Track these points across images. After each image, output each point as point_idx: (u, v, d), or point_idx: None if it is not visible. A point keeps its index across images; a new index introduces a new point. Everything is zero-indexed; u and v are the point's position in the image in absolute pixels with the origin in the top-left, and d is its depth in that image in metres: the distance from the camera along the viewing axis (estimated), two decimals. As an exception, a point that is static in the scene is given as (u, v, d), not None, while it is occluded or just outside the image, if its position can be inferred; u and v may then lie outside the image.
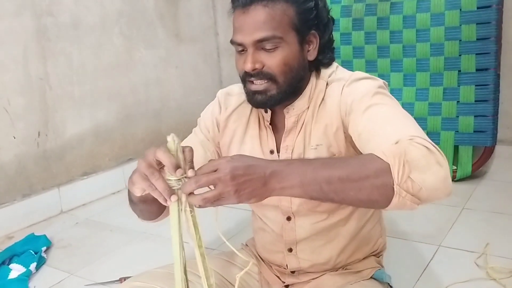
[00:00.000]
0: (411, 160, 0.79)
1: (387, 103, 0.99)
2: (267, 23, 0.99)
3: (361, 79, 1.05)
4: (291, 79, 1.04)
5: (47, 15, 2.42)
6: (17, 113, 2.33)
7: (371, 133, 0.94)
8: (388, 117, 0.95)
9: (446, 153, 2.63)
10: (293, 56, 1.03)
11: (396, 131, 0.89)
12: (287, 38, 1.01)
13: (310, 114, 1.09)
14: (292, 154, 1.11)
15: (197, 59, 3.34)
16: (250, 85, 1.04)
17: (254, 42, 1.00)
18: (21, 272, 1.90)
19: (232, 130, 1.18)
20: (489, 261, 1.80)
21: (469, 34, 2.54)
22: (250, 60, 1.01)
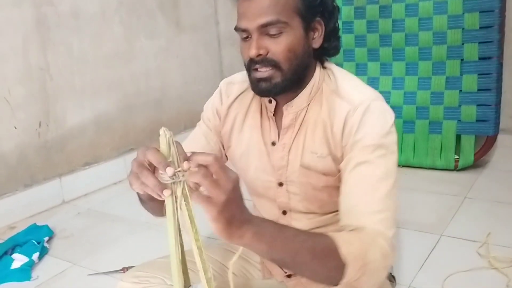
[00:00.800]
0: (368, 263, 0.86)
1: (382, 165, 0.96)
2: (271, 8, 0.97)
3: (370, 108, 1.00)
4: (296, 66, 1.02)
5: (46, 4, 2.40)
6: (18, 103, 2.33)
7: (351, 195, 0.97)
8: (372, 189, 0.95)
9: (448, 142, 2.63)
10: (298, 42, 1.01)
11: (369, 212, 0.93)
12: (292, 23, 0.99)
13: (311, 116, 1.07)
14: (289, 154, 1.09)
15: (197, 48, 3.32)
16: (255, 73, 1.02)
17: (259, 27, 0.98)
18: (24, 262, 1.91)
19: (233, 118, 1.17)
20: (491, 250, 1.80)
21: (472, 22, 2.53)
22: (254, 45, 0.99)
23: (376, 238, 0.89)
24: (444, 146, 2.64)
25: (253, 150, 1.15)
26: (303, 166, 1.08)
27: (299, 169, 1.09)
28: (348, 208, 0.96)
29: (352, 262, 0.84)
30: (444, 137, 2.64)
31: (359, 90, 1.05)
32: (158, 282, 1.10)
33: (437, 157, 2.65)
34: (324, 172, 1.07)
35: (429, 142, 2.68)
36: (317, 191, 1.09)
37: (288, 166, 1.10)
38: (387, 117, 1.01)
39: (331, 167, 1.06)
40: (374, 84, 2.79)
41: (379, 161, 0.97)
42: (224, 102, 1.19)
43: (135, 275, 1.12)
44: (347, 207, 0.96)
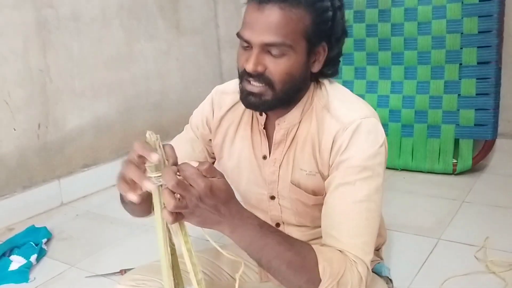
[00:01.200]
0: (341, 284, 0.88)
1: (365, 188, 0.95)
2: (279, 28, 0.93)
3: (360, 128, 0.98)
4: (289, 88, 0.98)
5: (47, 7, 2.41)
6: (17, 105, 2.33)
7: (330, 216, 0.96)
8: (351, 213, 0.95)
9: (446, 146, 2.63)
10: (297, 66, 0.97)
11: (348, 236, 0.94)
12: (296, 47, 0.95)
13: (302, 132, 1.05)
14: (279, 169, 1.08)
15: (197, 52, 3.33)
16: (247, 84, 0.98)
17: (262, 44, 0.94)
18: (22, 263, 1.91)
19: (225, 130, 1.16)
20: (488, 254, 1.80)
21: (471, 27, 2.54)
22: (253, 61, 0.95)
23: (354, 264, 0.91)
24: (443, 150, 2.65)
25: (245, 162, 1.14)
26: (293, 183, 1.07)
27: (290, 185, 1.08)
28: (328, 229, 0.96)
29: (327, 279, 0.87)
30: (443, 141, 2.65)
31: (350, 108, 1.02)
32: (156, 286, 1.10)
33: (436, 161, 2.65)
34: (314, 190, 1.06)
35: (427, 146, 2.68)
36: (307, 208, 1.09)
37: (279, 181, 1.10)
38: (377, 138, 0.99)
39: (320, 185, 1.05)
40: (373, 88, 2.80)
41: (361, 183, 0.95)
42: (216, 113, 1.16)
43: (133, 278, 1.13)
44: (328, 228, 0.96)
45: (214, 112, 1.17)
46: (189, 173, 0.77)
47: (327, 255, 0.90)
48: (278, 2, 0.92)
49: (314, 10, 0.95)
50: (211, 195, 0.78)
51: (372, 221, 0.96)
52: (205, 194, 0.77)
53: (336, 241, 0.94)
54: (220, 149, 1.17)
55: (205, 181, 0.78)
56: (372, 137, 0.98)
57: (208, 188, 0.78)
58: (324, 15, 0.96)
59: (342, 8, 1.01)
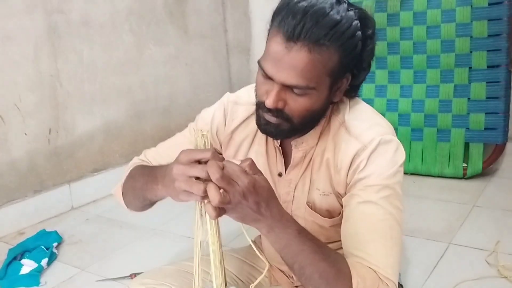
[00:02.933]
0: None
1: (386, 206, 0.93)
2: (305, 72, 0.87)
3: (380, 146, 0.95)
4: (308, 121, 0.96)
5: (57, 12, 2.43)
6: (28, 110, 2.35)
7: (355, 235, 0.93)
8: (376, 232, 0.92)
9: (456, 150, 2.62)
10: (318, 103, 0.93)
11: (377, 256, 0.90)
12: (319, 87, 0.91)
13: (318, 152, 1.03)
14: (295, 190, 1.07)
15: (206, 56, 3.34)
16: (264, 113, 0.94)
17: (284, 84, 0.90)
18: (33, 267, 1.92)
19: (238, 143, 1.13)
20: (500, 259, 1.79)
21: (480, 30, 2.53)
22: (273, 97, 0.90)
23: (385, 284, 0.88)
24: (453, 154, 2.63)
25: None
26: (309, 204, 1.06)
27: (305, 207, 1.07)
28: (353, 250, 0.92)
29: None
30: (453, 145, 2.64)
31: (369, 126, 0.99)
32: (166, 290, 1.10)
33: (446, 165, 2.64)
34: (329, 211, 1.05)
35: (437, 150, 2.67)
36: (323, 229, 1.08)
37: (293, 201, 1.08)
38: (397, 157, 0.96)
39: (335, 206, 1.04)
40: (382, 92, 2.80)
41: (383, 202, 0.93)
42: (228, 125, 1.13)
43: (143, 282, 1.13)
44: (351, 249, 0.93)
45: (226, 123, 1.14)
46: (233, 169, 0.77)
47: (361, 271, 0.87)
48: (308, 44, 0.85)
49: (345, 49, 0.89)
50: (254, 192, 0.78)
51: (397, 240, 0.93)
52: (248, 190, 0.77)
53: (364, 262, 0.90)
54: None
55: (249, 178, 0.77)
56: (391, 156, 0.96)
57: (252, 185, 0.77)
58: (354, 51, 0.91)
59: (374, 37, 0.96)
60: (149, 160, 1.16)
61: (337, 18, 0.87)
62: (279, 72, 0.88)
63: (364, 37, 0.93)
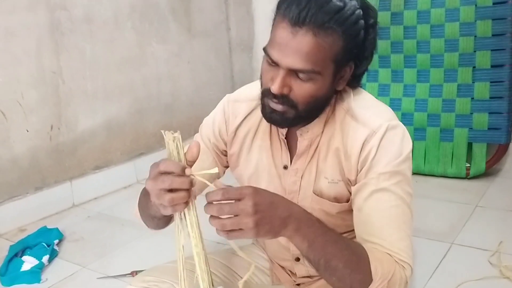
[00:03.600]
0: (391, 285, 0.90)
1: (398, 192, 0.96)
2: (310, 55, 0.89)
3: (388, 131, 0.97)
4: (312, 108, 0.97)
5: (60, 9, 2.43)
6: (30, 107, 2.35)
7: (369, 223, 0.96)
8: (391, 218, 0.96)
9: (459, 150, 2.61)
10: (323, 89, 0.95)
11: (392, 241, 0.94)
12: (324, 72, 0.93)
13: (324, 141, 1.04)
14: (301, 179, 1.07)
15: (209, 54, 3.33)
16: (269, 101, 0.96)
17: (290, 68, 0.92)
18: (34, 264, 1.92)
19: (242, 139, 1.14)
20: (502, 259, 1.78)
21: (485, 30, 2.52)
22: (279, 83, 0.92)
23: (402, 267, 0.93)
24: (456, 154, 2.62)
25: (263, 172, 1.12)
26: (316, 192, 1.06)
27: (312, 195, 1.07)
28: (368, 236, 0.96)
29: (378, 279, 0.88)
30: (456, 145, 2.63)
31: (375, 112, 1.02)
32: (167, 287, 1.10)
33: (448, 165, 2.63)
34: (337, 198, 1.05)
35: (440, 150, 2.66)
36: (329, 217, 1.08)
37: (300, 191, 1.08)
38: (405, 142, 0.99)
39: (343, 193, 1.05)
40: (385, 91, 2.79)
41: (395, 188, 0.96)
42: (231, 124, 1.14)
43: (144, 280, 1.12)
44: (367, 235, 0.96)
45: (227, 123, 1.15)
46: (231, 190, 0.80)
47: (377, 255, 0.91)
48: (313, 28, 0.88)
49: (348, 34, 0.92)
50: (262, 197, 0.80)
51: (410, 224, 0.98)
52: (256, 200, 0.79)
53: (380, 247, 0.94)
54: (237, 158, 1.16)
55: (247, 188, 0.80)
56: (400, 142, 0.99)
57: (254, 192, 0.80)
58: (356, 38, 0.94)
59: (376, 26, 0.98)
60: None
61: (340, 5, 0.90)
62: (285, 57, 0.90)
63: (366, 26, 0.95)
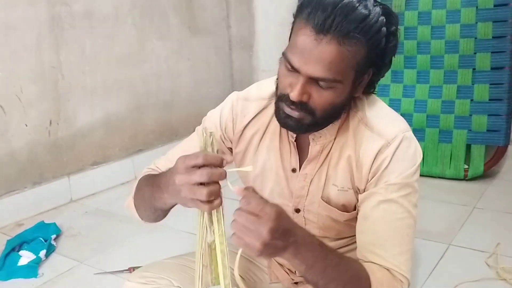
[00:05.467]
0: None
1: (406, 205, 0.96)
2: (333, 64, 0.87)
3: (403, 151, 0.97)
4: (330, 115, 0.96)
5: (61, 4, 2.42)
6: (29, 101, 2.34)
7: (373, 233, 0.96)
8: (395, 230, 0.96)
9: (458, 151, 2.62)
10: (342, 97, 0.94)
11: (393, 254, 0.95)
12: (345, 81, 0.91)
13: (336, 148, 1.03)
14: (310, 185, 1.06)
15: (209, 52, 3.33)
16: (285, 107, 0.94)
17: (311, 77, 0.89)
18: (31, 259, 1.92)
19: (249, 138, 1.12)
20: (499, 261, 1.79)
21: (485, 32, 2.52)
22: (299, 90, 0.90)
23: (401, 283, 0.94)
24: (454, 155, 2.63)
25: (270, 173, 1.11)
26: (324, 199, 1.06)
27: (319, 201, 1.06)
28: (370, 247, 0.96)
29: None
30: (454, 146, 2.63)
31: (389, 122, 1.01)
32: (165, 284, 1.09)
33: (447, 166, 2.63)
34: (345, 206, 1.05)
35: (439, 151, 2.66)
36: (335, 223, 1.08)
37: (307, 196, 1.07)
38: (416, 155, 0.99)
39: (351, 201, 1.04)
40: (385, 91, 2.79)
41: (403, 201, 0.96)
42: (240, 122, 1.12)
43: (142, 276, 1.12)
44: (369, 246, 0.96)
45: (235, 121, 1.12)
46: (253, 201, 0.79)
47: (378, 274, 0.92)
48: (338, 37, 0.86)
49: (371, 43, 0.90)
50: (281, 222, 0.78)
51: (412, 236, 0.98)
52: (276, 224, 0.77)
53: (381, 259, 0.94)
54: (242, 157, 1.14)
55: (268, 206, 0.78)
56: (412, 155, 0.99)
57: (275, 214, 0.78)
58: (379, 46, 0.92)
59: (397, 33, 0.97)
60: (159, 168, 1.13)
61: (365, 13, 0.88)
62: (307, 64, 0.88)
63: (388, 33, 0.94)
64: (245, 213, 0.78)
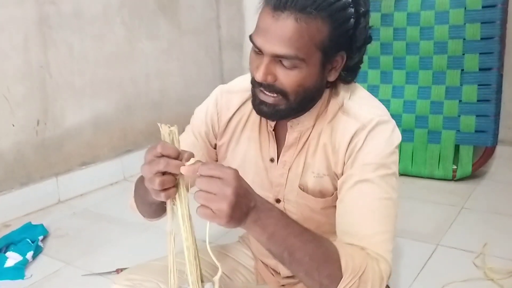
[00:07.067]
0: (363, 281, 0.84)
1: (383, 185, 0.93)
2: (292, 41, 0.87)
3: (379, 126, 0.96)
4: (304, 99, 0.95)
5: (49, 3, 2.40)
6: (17, 101, 2.32)
7: (350, 214, 0.93)
8: (371, 210, 0.92)
9: (446, 152, 2.63)
10: (310, 78, 0.92)
11: (370, 235, 0.90)
12: (309, 60, 0.90)
13: (314, 135, 1.02)
14: (289, 172, 1.05)
15: (198, 52, 3.32)
16: (259, 93, 0.94)
17: (273, 55, 0.89)
18: (18, 260, 1.90)
19: (232, 130, 1.12)
20: (487, 261, 1.80)
21: (473, 33, 2.53)
22: (263, 70, 0.90)
23: (376, 261, 0.88)
24: (443, 156, 2.64)
25: (250, 164, 1.11)
26: (301, 187, 1.05)
27: (297, 189, 1.05)
28: (347, 227, 0.92)
29: (349, 276, 0.83)
30: (443, 146, 2.64)
31: (367, 108, 0.99)
32: (152, 286, 1.09)
33: (435, 167, 2.65)
34: (321, 192, 1.04)
35: (427, 152, 2.68)
36: (314, 213, 1.07)
37: (286, 184, 1.07)
38: (393, 138, 0.97)
39: (328, 187, 1.03)
40: (374, 92, 2.79)
41: (379, 180, 0.93)
42: (224, 115, 1.12)
43: (129, 278, 1.11)
44: (346, 226, 0.93)
45: (219, 114, 1.13)
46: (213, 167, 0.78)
47: (348, 250, 0.87)
48: (294, 12, 0.86)
49: (334, 20, 0.89)
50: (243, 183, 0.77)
51: (392, 218, 0.93)
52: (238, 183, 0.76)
53: (355, 239, 0.90)
54: (225, 150, 1.14)
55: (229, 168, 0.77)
56: (388, 136, 0.97)
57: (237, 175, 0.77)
58: (344, 25, 0.91)
59: (367, 14, 0.96)
60: None
61: None
62: (268, 42, 0.89)
63: (357, 15, 0.93)
64: (206, 178, 0.77)
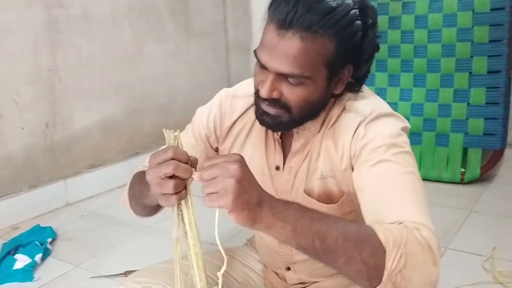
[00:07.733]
0: (409, 253, 0.74)
1: (400, 162, 0.87)
2: (298, 59, 0.85)
3: (381, 116, 0.93)
4: (308, 113, 0.94)
5: (58, 6, 2.42)
6: (26, 104, 2.33)
7: (375, 195, 0.86)
8: (396, 185, 0.85)
9: (454, 155, 2.61)
10: (316, 93, 0.91)
11: (401, 208, 0.82)
12: (315, 77, 0.89)
13: (318, 139, 1.01)
14: (295, 178, 1.04)
15: (206, 55, 3.33)
16: (262, 104, 0.93)
17: (277, 73, 0.88)
18: (26, 262, 1.90)
19: (235, 135, 1.11)
20: (496, 264, 1.78)
21: (482, 35, 2.52)
22: (268, 87, 0.89)
23: (417, 230, 0.77)
24: (451, 159, 2.63)
25: (255, 171, 1.05)
26: (307, 191, 1.04)
27: (303, 195, 1.04)
28: (375, 214, 0.84)
29: (392, 248, 0.73)
30: (451, 150, 2.63)
31: (369, 103, 0.98)
32: (159, 289, 1.09)
33: (443, 170, 2.64)
34: (326, 195, 1.02)
35: (435, 155, 2.67)
36: None
37: (292, 190, 1.06)
38: (397, 123, 0.94)
39: (332, 189, 1.01)
40: (382, 94, 2.77)
41: (395, 158, 0.88)
42: (228, 120, 1.11)
43: (137, 281, 1.11)
44: (374, 213, 0.85)
45: (223, 117, 1.12)
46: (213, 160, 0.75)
47: (382, 226, 0.77)
48: (299, 31, 0.84)
49: (341, 37, 0.87)
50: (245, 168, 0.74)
51: (420, 191, 0.86)
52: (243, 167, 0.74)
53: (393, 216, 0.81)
54: (228, 154, 1.13)
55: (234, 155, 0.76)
56: (392, 120, 0.94)
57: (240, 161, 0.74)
58: (351, 40, 0.89)
59: (375, 26, 0.94)
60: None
61: (331, 5, 0.85)
62: (273, 60, 0.88)
63: (365, 27, 0.91)
64: (210, 166, 0.75)
